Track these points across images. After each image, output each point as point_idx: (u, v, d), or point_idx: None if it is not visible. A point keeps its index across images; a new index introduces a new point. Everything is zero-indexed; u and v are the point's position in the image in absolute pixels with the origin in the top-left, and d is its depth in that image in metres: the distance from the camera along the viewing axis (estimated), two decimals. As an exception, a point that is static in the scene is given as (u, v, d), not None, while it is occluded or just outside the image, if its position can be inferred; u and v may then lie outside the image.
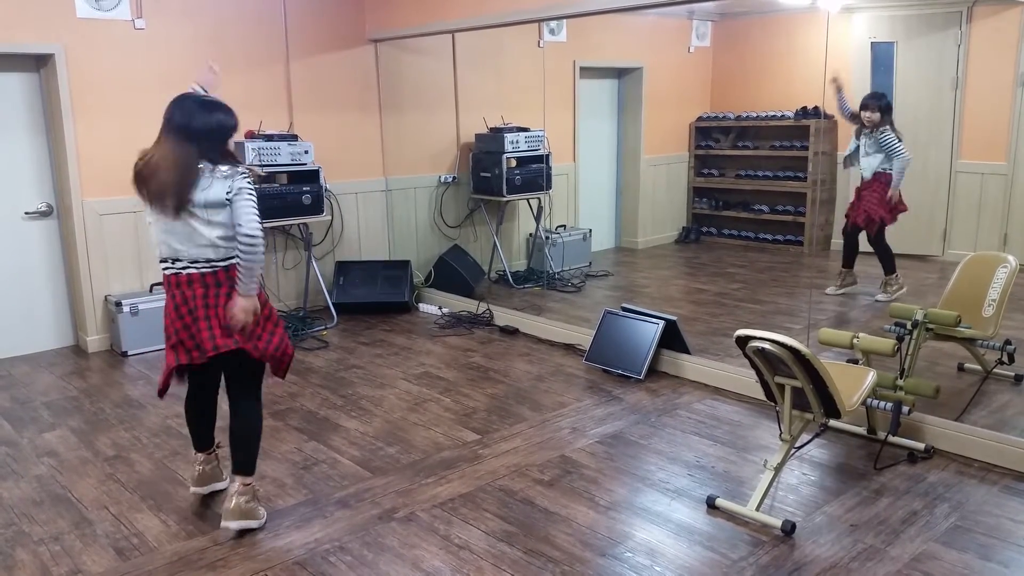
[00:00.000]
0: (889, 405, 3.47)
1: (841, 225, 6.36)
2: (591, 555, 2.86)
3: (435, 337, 5.61)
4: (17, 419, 4.24)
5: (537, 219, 7.18)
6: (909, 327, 3.86)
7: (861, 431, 3.76)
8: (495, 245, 7.13)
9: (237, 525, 2.99)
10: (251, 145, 5.40)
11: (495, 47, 6.98)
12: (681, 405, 4.25)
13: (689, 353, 4.70)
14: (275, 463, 3.66)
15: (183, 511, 3.22)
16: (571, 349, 5.23)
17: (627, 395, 4.41)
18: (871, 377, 3.34)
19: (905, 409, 3.49)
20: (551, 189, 7.00)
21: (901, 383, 3.61)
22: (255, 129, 5.68)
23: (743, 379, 4.31)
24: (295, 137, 5.73)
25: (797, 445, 3.15)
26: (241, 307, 2.89)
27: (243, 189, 2.87)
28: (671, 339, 4.72)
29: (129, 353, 5.25)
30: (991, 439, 3.49)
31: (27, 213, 5.28)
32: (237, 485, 3.01)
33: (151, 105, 5.36)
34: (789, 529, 2.95)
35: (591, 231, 7.61)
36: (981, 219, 6.14)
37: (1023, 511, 3.08)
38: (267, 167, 5.49)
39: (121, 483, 3.49)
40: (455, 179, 6.98)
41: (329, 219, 6.19)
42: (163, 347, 3.10)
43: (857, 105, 5.92)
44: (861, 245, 6.01)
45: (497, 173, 6.59)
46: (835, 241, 7.18)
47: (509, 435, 3.91)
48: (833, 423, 3.71)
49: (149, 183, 2.87)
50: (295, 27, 5.99)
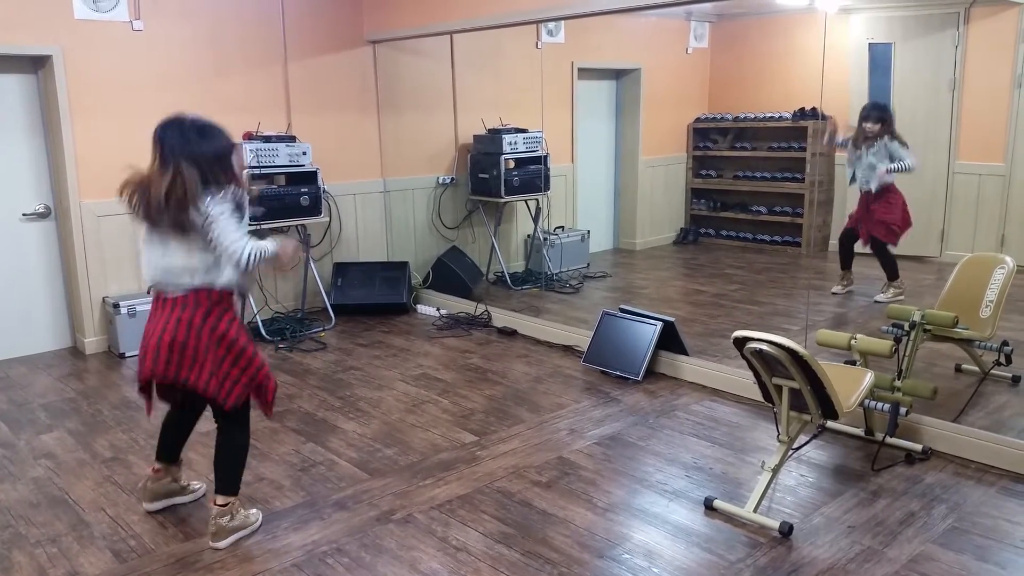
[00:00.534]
0: (887, 406, 3.47)
1: (839, 227, 6.35)
2: (589, 557, 2.86)
3: (433, 338, 5.61)
4: (14, 421, 4.23)
5: (535, 220, 7.18)
6: (907, 328, 3.86)
7: (859, 432, 3.76)
8: (493, 246, 7.13)
9: (225, 543, 2.98)
10: (249, 146, 5.40)
11: (493, 48, 6.98)
12: (679, 406, 4.25)
13: (687, 354, 4.71)
14: (273, 465, 3.66)
15: (180, 513, 3.21)
16: (569, 350, 5.23)
17: (625, 396, 4.41)
18: (869, 378, 3.34)
19: (903, 410, 3.49)
20: (549, 190, 7.00)
21: (899, 384, 3.62)
22: (253, 130, 5.68)
23: (741, 380, 4.31)
24: (293, 138, 5.73)
25: (795, 446, 3.15)
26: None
27: (218, 215, 2.77)
28: (669, 340, 4.72)
29: (127, 355, 5.25)
30: (988, 440, 3.50)
31: (25, 215, 5.28)
32: (215, 508, 2.98)
33: (149, 106, 5.40)
34: (787, 530, 2.95)
35: (589, 232, 7.61)
36: (979, 220, 6.15)
37: (1020, 512, 3.09)
38: (265, 168, 5.49)
39: (118, 485, 3.48)
40: (453, 180, 6.99)
41: (327, 220, 6.19)
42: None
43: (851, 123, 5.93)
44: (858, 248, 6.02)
45: (495, 174, 6.60)
46: (833, 243, 7.18)
47: (507, 436, 3.91)
48: (831, 424, 3.71)
49: (150, 206, 2.80)
50: (293, 28, 5.99)
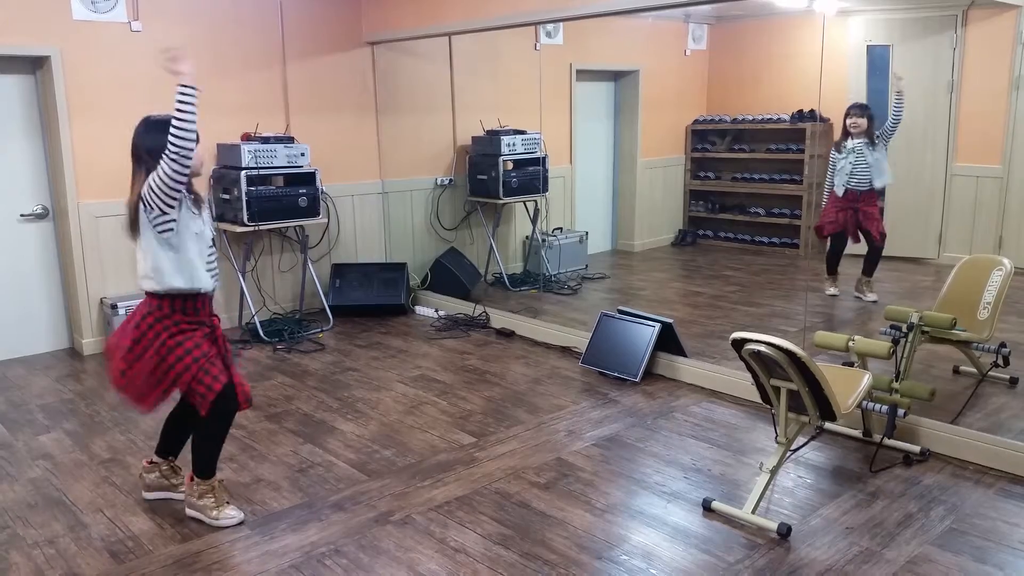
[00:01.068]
0: (885, 408, 3.48)
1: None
2: (587, 558, 2.86)
3: (431, 340, 5.61)
4: (12, 422, 4.23)
5: (533, 222, 7.19)
6: (905, 330, 3.87)
7: (857, 434, 3.76)
8: (491, 247, 7.13)
9: (189, 513, 3.13)
10: (247, 147, 5.39)
11: (492, 50, 6.99)
12: (677, 408, 4.25)
13: (685, 356, 4.71)
14: (271, 466, 3.65)
15: (178, 514, 3.21)
16: (567, 352, 5.23)
17: (623, 398, 4.41)
18: (867, 380, 3.35)
19: (901, 412, 3.50)
20: (547, 192, 7.00)
21: (896, 386, 3.62)
22: (252, 131, 5.68)
23: (739, 382, 4.32)
24: (292, 139, 5.73)
25: (793, 448, 3.15)
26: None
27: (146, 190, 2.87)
28: (667, 342, 4.73)
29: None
30: (986, 442, 3.50)
31: (23, 215, 5.27)
32: (185, 479, 3.16)
33: (147, 107, 5.35)
34: (785, 532, 2.95)
35: (587, 234, 7.62)
36: (976, 222, 6.15)
37: (1018, 513, 3.09)
38: (264, 169, 5.49)
39: (116, 486, 3.48)
40: (452, 182, 6.99)
41: (325, 221, 6.19)
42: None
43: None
44: (862, 248, 6.02)
45: (494, 176, 6.60)
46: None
47: (505, 438, 3.91)
48: (829, 426, 3.71)
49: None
50: (292, 29, 5.99)
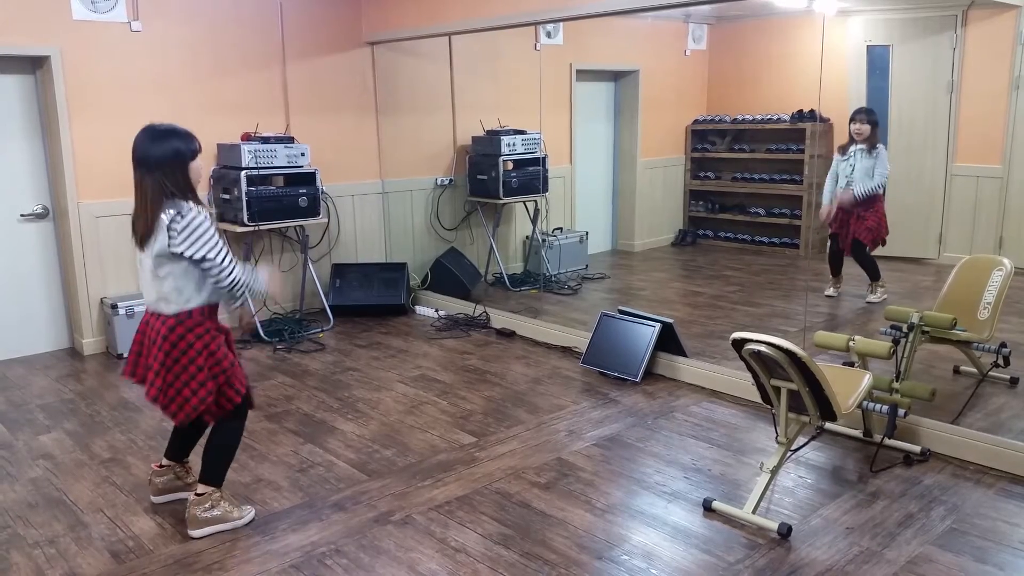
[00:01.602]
0: (885, 408, 3.48)
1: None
2: (588, 558, 2.86)
3: (432, 340, 5.61)
4: (12, 422, 4.23)
5: (534, 222, 7.19)
6: (905, 330, 3.87)
7: (857, 434, 3.76)
8: (492, 248, 7.13)
9: (198, 533, 3.01)
10: (247, 147, 5.39)
11: (491, 50, 6.99)
12: (677, 408, 4.25)
13: (685, 356, 4.71)
14: (271, 466, 3.65)
15: (179, 513, 3.21)
16: (568, 352, 5.23)
17: (624, 398, 4.41)
18: (867, 380, 3.35)
19: (901, 412, 3.50)
20: (548, 192, 7.00)
21: (897, 386, 3.62)
22: (252, 131, 5.68)
23: (739, 382, 4.32)
24: (292, 139, 5.73)
25: (793, 448, 3.15)
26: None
27: (188, 235, 2.76)
28: (667, 342, 4.73)
29: (125, 356, 5.24)
30: (987, 442, 3.50)
31: (23, 215, 5.27)
32: (192, 495, 3.02)
33: (147, 108, 5.39)
34: (785, 532, 2.95)
35: (588, 234, 7.62)
36: (976, 222, 6.16)
37: (1019, 514, 3.09)
38: (264, 169, 5.49)
39: (117, 486, 3.48)
40: (452, 182, 6.99)
41: (325, 221, 6.19)
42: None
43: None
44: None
45: (494, 176, 6.60)
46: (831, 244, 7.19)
47: (506, 438, 3.91)
48: (829, 426, 3.71)
49: (132, 218, 2.93)
50: (292, 29, 5.99)
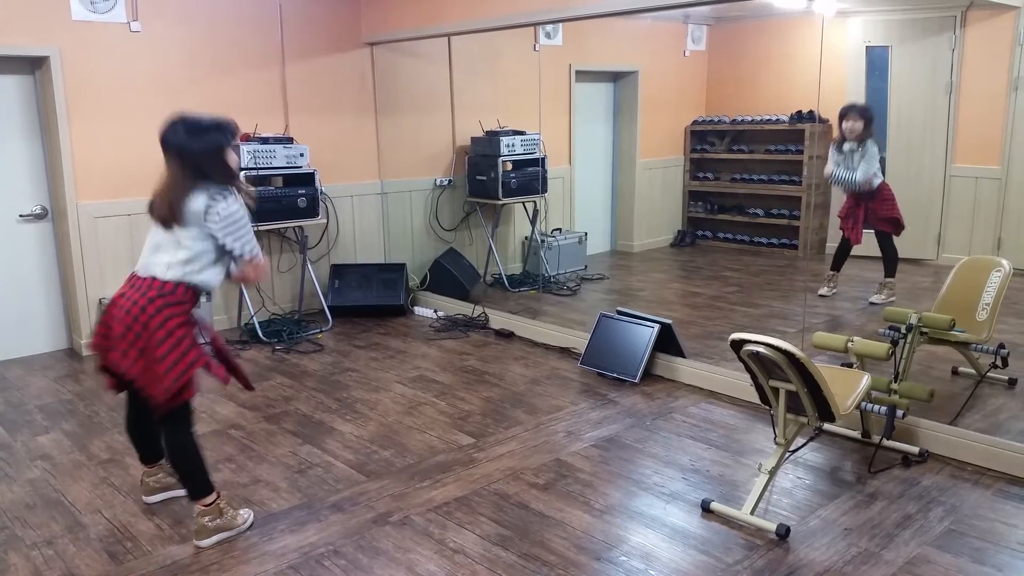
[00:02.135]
0: (883, 409, 3.48)
1: (836, 229, 6.35)
2: (586, 559, 2.86)
3: (430, 340, 5.61)
4: (11, 422, 4.23)
5: (533, 222, 7.19)
6: (903, 331, 3.87)
7: (855, 435, 3.76)
8: (491, 248, 7.13)
9: (207, 542, 2.98)
10: (247, 148, 5.39)
11: (491, 50, 6.99)
12: (676, 409, 4.25)
13: (684, 357, 4.71)
14: (269, 467, 3.65)
15: (177, 515, 3.21)
16: (566, 352, 5.23)
17: (622, 399, 4.41)
18: (865, 381, 3.35)
19: (899, 413, 3.49)
20: (547, 192, 7.00)
21: (895, 387, 3.62)
22: (251, 132, 5.68)
23: (738, 383, 4.32)
24: (291, 140, 5.73)
25: (791, 449, 3.15)
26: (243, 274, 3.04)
27: (224, 217, 2.85)
28: (666, 342, 4.73)
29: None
30: (985, 443, 3.50)
31: (22, 216, 5.27)
32: (197, 507, 2.99)
33: (147, 108, 5.39)
34: (784, 533, 2.95)
35: (587, 234, 7.62)
36: (975, 223, 6.16)
37: (1017, 515, 3.09)
38: (263, 170, 5.49)
39: (115, 487, 3.48)
40: (451, 182, 6.99)
41: (324, 222, 6.19)
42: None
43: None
44: (865, 249, 6.02)
45: (493, 176, 6.60)
46: (830, 244, 7.19)
47: (504, 438, 3.91)
48: (827, 427, 3.71)
49: (154, 199, 2.93)
50: (291, 30, 5.99)
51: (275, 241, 6.09)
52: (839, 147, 5.86)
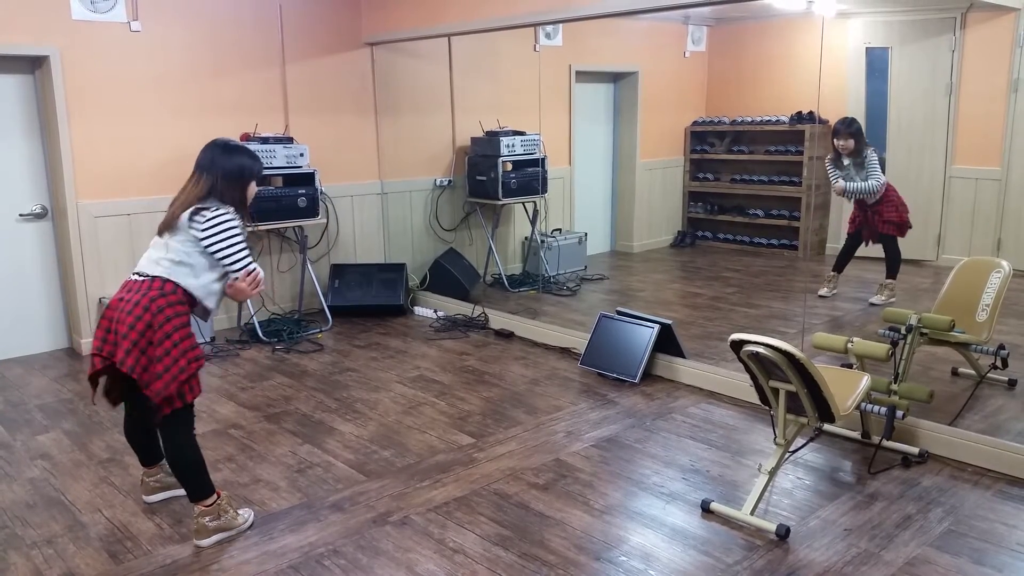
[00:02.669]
0: (883, 409, 3.48)
1: (836, 230, 6.36)
2: (586, 559, 2.86)
3: (430, 340, 5.61)
4: (10, 421, 4.22)
5: (533, 223, 7.19)
6: (903, 331, 3.87)
7: (855, 435, 3.77)
8: (491, 248, 7.13)
9: (207, 542, 2.98)
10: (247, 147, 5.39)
11: (491, 51, 6.99)
12: (676, 409, 4.26)
13: (684, 357, 4.71)
14: (269, 466, 3.65)
15: (177, 514, 3.21)
16: (566, 353, 5.23)
17: (622, 399, 4.41)
18: (865, 381, 3.35)
19: (899, 413, 3.50)
20: (547, 193, 7.01)
21: (895, 387, 3.62)
22: (251, 132, 5.68)
23: (738, 383, 4.32)
24: (291, 140, 5.73)
25: (791, 449, 3.15)
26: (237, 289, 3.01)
27: (212, 226, 2.86)
28: (666, 343, 4.73)
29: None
30: (985, 444, 3.50)
31: (21, 215, 5.27)
32: (198, 508, 2.99)
33: (147, 108, 5.40)
34: (783, 533, 2.95)
35: (586, 235, 7.62)
36: (975, 224, 6.16)
37: (1017, 516, 3.09)
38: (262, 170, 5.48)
39: (115, 486, 3.48)
40: (451, 182, 6.99)
41: (324, 222, 6.19)
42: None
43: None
44: (865, 250, 6.03)
45: (493, 176, 6.60)
46: (830, 245, 7.20)
47: (504, 438, 3.91)
48: (827, 427, 3.72)
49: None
50: (291, 30, 5.99)
51: (275, 241, 6.09)
52: (837, 163, 5.87)
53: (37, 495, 3.41)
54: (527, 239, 7.39)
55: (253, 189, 3.06)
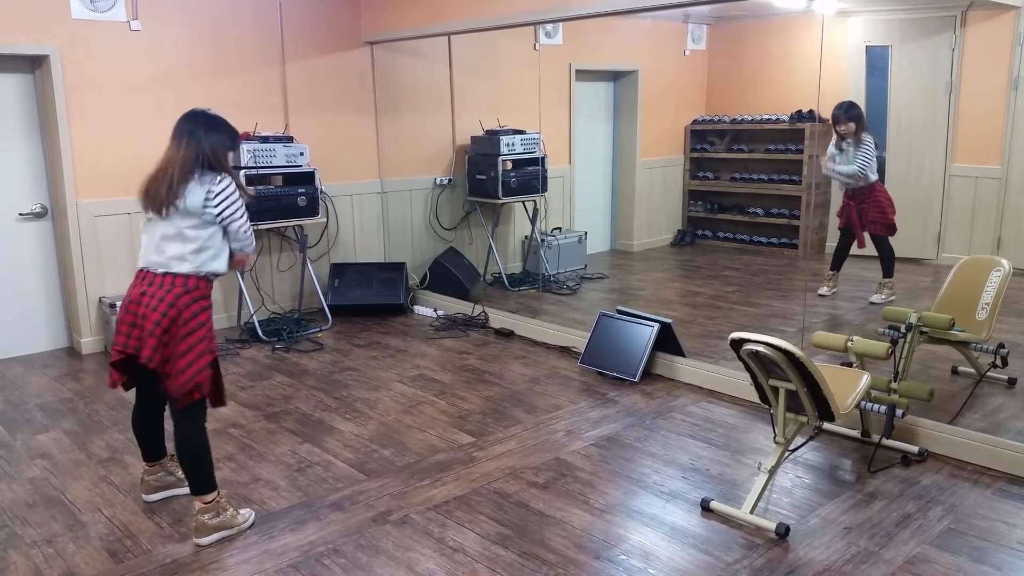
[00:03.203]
0: (883, 408, 3.48)
1: (835, 229, 6.36)
2: (585, 558, 2.86)
3: (430, 339, 5.61)
4: (10, 421, 4.23)
5: (532, 221, 7.19)
6: (903, 330, 3.87)
7: (855, 434, 3.77)
8: (491, 247, 7.13)
9: (206, 540, 2.98)
10: (247, 147, 5.39)
11: (491, 49, 6.99)
12: (676, 408, 4.26)
13: (684, 356, 4.71)
14: (269, 465, 3.65)
15: (177, 513, 3.21)
16: (566, 352, 5.23)
17: (622, 398, 4.41)
18: (865, 380, 3.35)
19: (899, 412, 3.50)
20: (547, 192, 7.01)
21: (895, 386, 3.62)
22: (251, 131, 5.68)
23: (738, 382, 4.32)
24: (291, 139, 5.73)
25: (791, 448, 3.15)
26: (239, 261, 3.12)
27: (224, 199, 2.92)
28: (666, 342, 4.73)
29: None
30: (985, 442, 3.50)
31: (21, 214, 5.27)
32: (197, 504, 2.99)
33: (146, 107, 5.40)
34: (783, 532, 2.95)
35: (586, 234, 7.62)
36: (975, 223, 6.16)
37: (1016, 514, 3.09)
38: (263, 169, 5.49)
39: (115, 485, 3.48)
40: (451, 181, 6.99)
41: (324, 221, 6.19)
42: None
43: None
44: (865, 248, 6.03)
45: (493, 175, 6.60)
46: (829, 244, 7.19)
47: (504, 437, 3.91)
48: (827, 426, 3.72)
49: (147, 186, 2.94)
50: (291, 29, 5.99)
51: (275, 240, 6.10)
52: (838, 146, 5.91)
53: (37, 494, 3.41)
54: (527, 238, 7.39)
55: (232, 157, 3.14)
